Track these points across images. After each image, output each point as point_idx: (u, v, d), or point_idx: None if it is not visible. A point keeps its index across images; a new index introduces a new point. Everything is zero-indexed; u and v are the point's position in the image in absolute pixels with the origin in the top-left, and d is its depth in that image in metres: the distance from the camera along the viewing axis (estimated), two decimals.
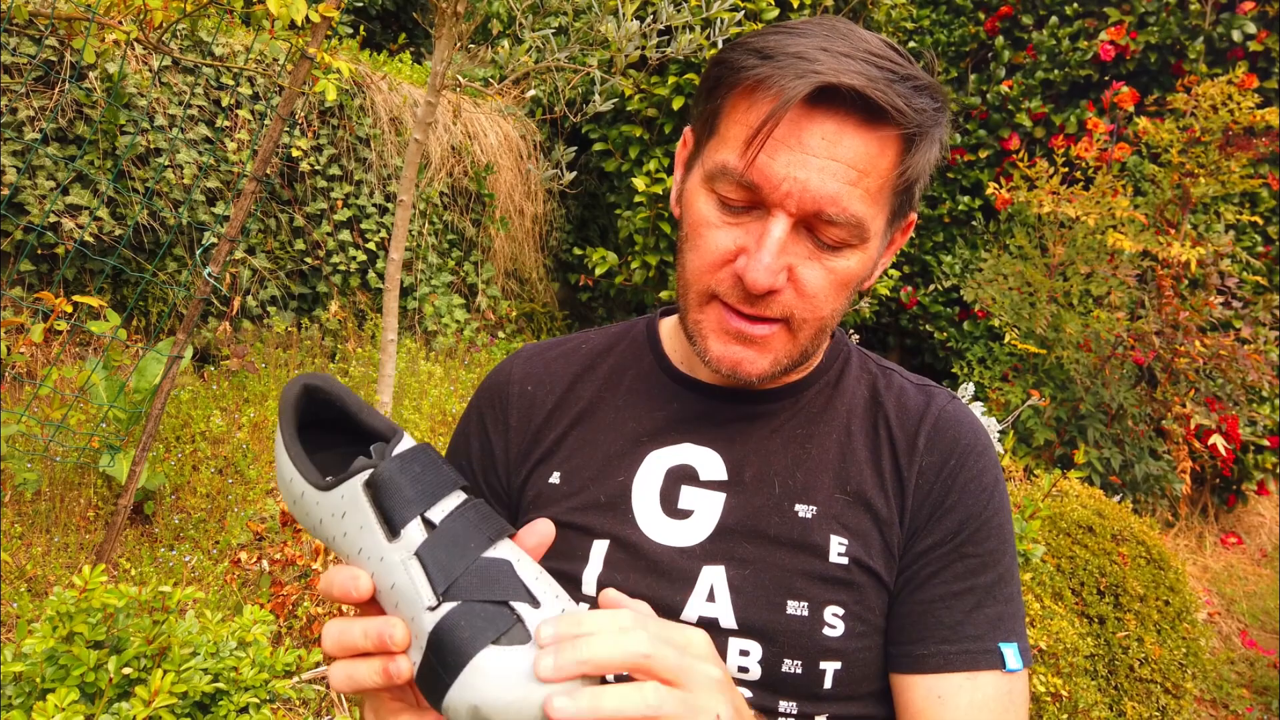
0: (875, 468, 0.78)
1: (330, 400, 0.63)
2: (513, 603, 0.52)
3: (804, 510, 0.76)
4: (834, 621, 0.73)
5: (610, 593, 0.57)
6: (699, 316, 0.74)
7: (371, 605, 0.56)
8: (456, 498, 0.56)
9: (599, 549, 0.77)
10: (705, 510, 0.77)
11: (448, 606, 0.52)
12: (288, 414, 0.61)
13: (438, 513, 0.54)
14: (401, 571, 0.53)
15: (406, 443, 0.59)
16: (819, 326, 0.72)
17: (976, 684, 0.72)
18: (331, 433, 0.66)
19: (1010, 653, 0.73)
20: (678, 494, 0.78)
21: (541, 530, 0.60)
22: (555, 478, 0.82)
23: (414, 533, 0.54)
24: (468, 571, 0.53)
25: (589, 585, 0.77)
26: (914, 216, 0.76)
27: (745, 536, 0.76)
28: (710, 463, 0.79)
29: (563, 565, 0.78)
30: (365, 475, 0.55)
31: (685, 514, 0.77)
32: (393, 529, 0.54)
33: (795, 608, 0.73)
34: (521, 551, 0.57)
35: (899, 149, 0.67)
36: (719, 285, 0.71)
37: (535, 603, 0.53)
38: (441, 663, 0.51)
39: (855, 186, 0.66)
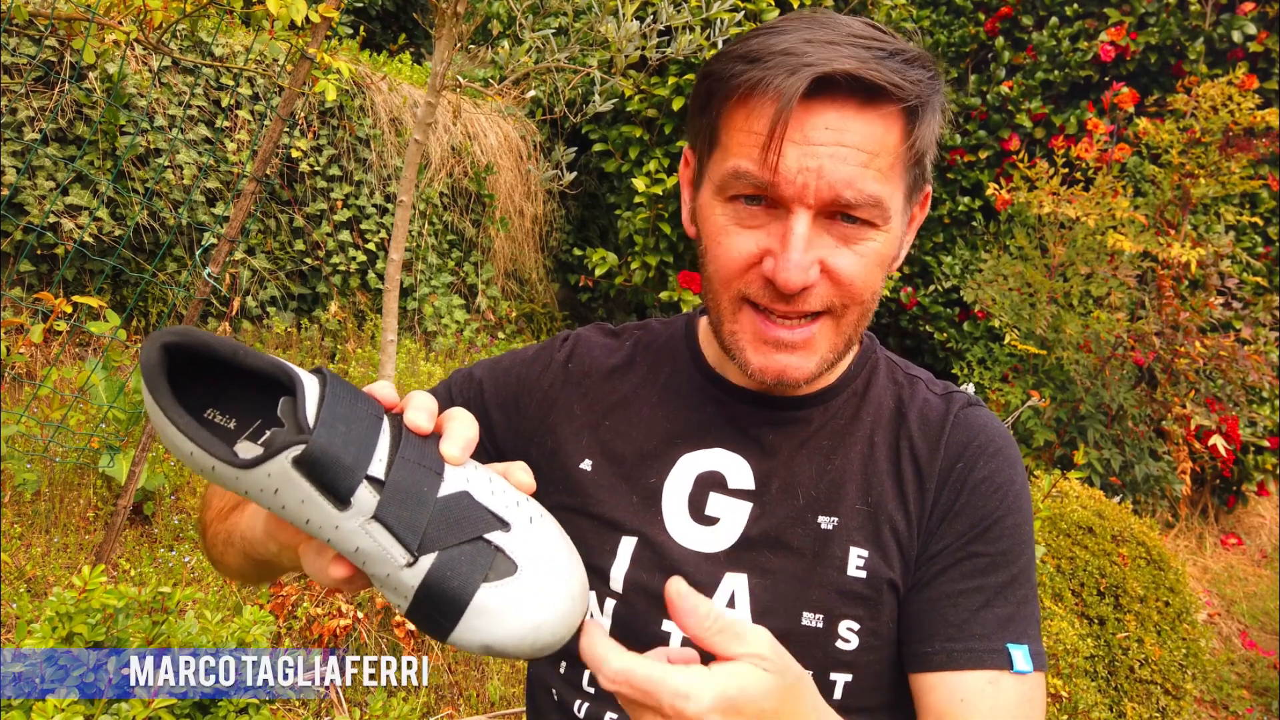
0: (896, 479, 0.78)
1: (197, 351, 0.55)
2: (486, 535, 0.53)
3: (826, 522, 0.77)
4: (848, 635, 0.74)
5: (676, 583, 0.53)
6: (734, 327, 0.73)
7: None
8: (384, 438, 0.53)
9: (627, 545, 0.79)
10: (731, 518, 0.78)
11: (426, 560, 0.51)
12: (159, 383, 0.52)
13: (378, 466, 0.51)
14: (364, 537, 0.51)
15: (312, 390, 0.52)
16: (862, 311, 0.73)
17: (999, 688, 0.71)
18: (208, 381, 0.59)
19: (1020, 654, 0.72)
20: (706, 500, 0.79)
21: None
22: (587, 464, 0.83)
23: (365, 497, 0.51)
24: (433, 520, 0.52)
25: (616, 582, 0.78)
26: (929, 189, 0.77)
27: (768, 547, 0.76)
28: (739, 470, 0.80)
29: (591, 559, 0.79)
30: (295, 452, 0.49)
31: (712, 520, 0.78)
32: (341, 499, 0.51)
33: (810, 619, 0.74)
34: (464, 460, 0.55)
35: (903, 124, 0.68)
36: (748, 288, 0.71)
37: (505, 525, 0.53)
38: (438, 610, 0.52)
39: (867, 168, 0.66)
